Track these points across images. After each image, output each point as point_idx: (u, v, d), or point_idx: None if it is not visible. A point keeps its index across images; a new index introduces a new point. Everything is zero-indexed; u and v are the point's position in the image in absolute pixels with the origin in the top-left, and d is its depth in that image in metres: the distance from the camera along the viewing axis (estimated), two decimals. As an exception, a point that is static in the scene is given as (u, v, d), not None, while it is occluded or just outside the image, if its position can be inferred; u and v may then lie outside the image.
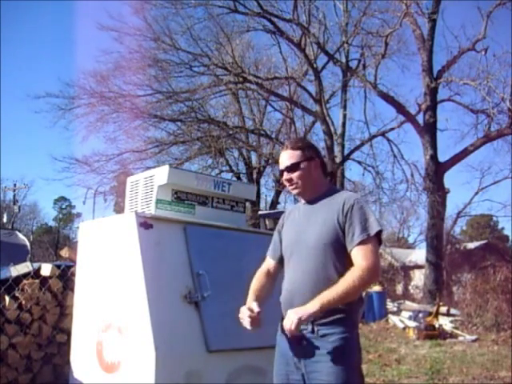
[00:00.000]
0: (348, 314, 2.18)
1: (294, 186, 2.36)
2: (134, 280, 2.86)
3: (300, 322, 2.08)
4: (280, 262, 2.47)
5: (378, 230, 2.19)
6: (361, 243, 2.16)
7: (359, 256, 2.16)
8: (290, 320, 2.09)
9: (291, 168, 2.34)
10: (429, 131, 16.30)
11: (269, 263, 2.52)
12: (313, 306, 2.09)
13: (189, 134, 17.89)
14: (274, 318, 2.40)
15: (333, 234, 2.21)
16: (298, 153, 2.36)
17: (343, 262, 2.21)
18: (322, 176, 2.42)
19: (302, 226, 2.33)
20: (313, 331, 2.18)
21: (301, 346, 2.21)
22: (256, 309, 2.26)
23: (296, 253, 2.31)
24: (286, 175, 2.36)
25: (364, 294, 2.18)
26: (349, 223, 2.20)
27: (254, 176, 20.33)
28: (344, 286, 2.10)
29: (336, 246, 2.21)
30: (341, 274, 2.17)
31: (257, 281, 2.47)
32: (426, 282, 15.97)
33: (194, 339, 2.85)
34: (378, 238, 2.22)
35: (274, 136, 19.20)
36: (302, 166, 2.34)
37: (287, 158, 2.37)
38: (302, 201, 2.43)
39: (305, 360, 2.20)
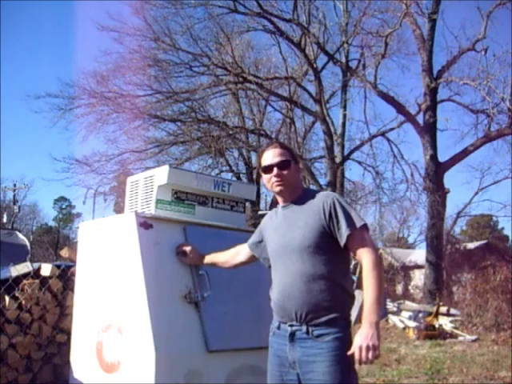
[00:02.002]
0: (341, 314, 2.21)
1: (280, 183, 2.35)
2: (133, 280, 2.86)
3: (375, 350, 2.05)
4: (251, 253, 2.65)
5: (362, 224, 2.24)
6: (353, 236, 2.21)
7: (360, 250, 2.21)
8: (365, 351, 2.04)
9: (283, 164, 2.35)
10: (429, 131, 16.31)
11: (242, 246, 2.70)
12: (368, 326, 2.07)
13: (189, 134, 17.89)
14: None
15: (316, 234, 2.24)
16: (287, 152, 2.40)
17: (330, 259, 2.24)
18: (300, 180, 2.49)
19: (283, 231, 2.35)
20: (307, 332, 2.20)
21: (296, 346, 2.22)
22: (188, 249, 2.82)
23: (281, 257, 2.32)
24: (276, 171, 2.34)
25: (363, 294, 2.21)
26: (335, 221, 2.23)
27: (254, 176, 20.32)
28: (371, 284, 2.13)
29: (321, 246, 2.23)
30: (329, 272, 2.21)
31: (222, 252, 2.80)
32: (426, 281, 15.98)
33: (194, 339, 2.84)
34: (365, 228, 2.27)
35: (274, 136, 19.21)
36: (291, 165, 2.37)
37: (277, 154, 2.37)
38: (280, 204, 2.45)
39: (300, 360, 2.20)
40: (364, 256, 2.19)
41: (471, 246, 25.61)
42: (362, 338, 2.06)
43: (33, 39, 72.23)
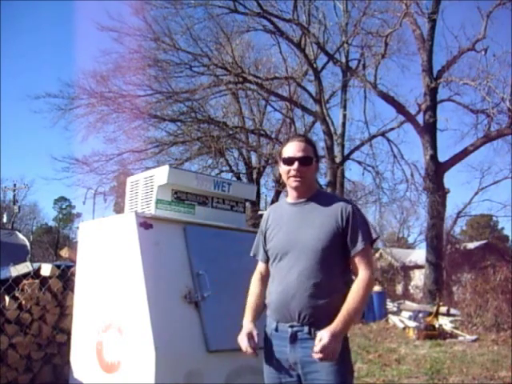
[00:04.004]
0: None
1: (298, 179, 2.30)
2: (133, 280, 2.87)
3: (336, 348, 2.07)
4: (268, 262, 2.47)
5: (376, 237, 2.31)
6: (363, 251, 2.23)
7: (362, 265, 2.23)
8: (329, 348, 2.05)
9: (305, 160, 2.30)
10: (429, 131, 16.30)
11: (260, 267, 2.51)
12: (338, 325, 2.10)
13: (189, 134, 17.89)
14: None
15: (331, 237, 2.22)
16: (311, 148, 2.35)
17: (340, 265, 2.24)
18: (316, 178, 2.48)
19: (293, 227, 2.30)
20: (309, 332, 2.19)
21: (297, 346, 2.21)
22: (255, 335, 2.28)
23: (289, 254, 2.27)
24: (297, 165, 2.28)
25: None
26: (351, 230, 2.23)
27: (254, 176, 20.33)
28: (357, 298, 2.16)
29: (333, 250, 2.22)
30: (336, 274, 2.22)
31: (255, 290, 2.46)
32: (426, 281, 15.98)
33: (194, 339, 2.85)
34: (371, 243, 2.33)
35: (273, 136, 19.20)
36: (313, 162, 2.34)
37: (302, 149, 2.31)
38: (288, 200, 2.40)
39: (302, 361, 2.19)
40: (361, 272, 2.22)
41: (471, 246, 25.60)
42: (326, 337, 2.06)
43: (33, 39, 72.24)
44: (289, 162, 2.31)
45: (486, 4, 17.28)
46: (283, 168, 2.34)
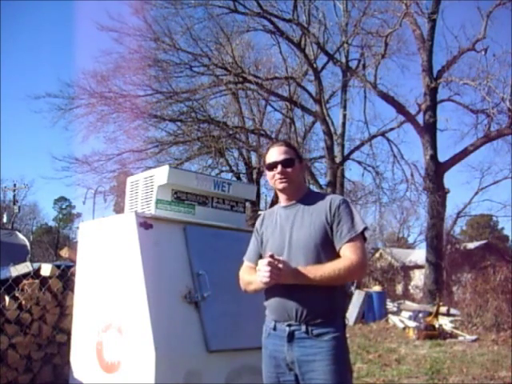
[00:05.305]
0: (339, 314, 2.24)
1: (283, 181, 2.35)
2: (133, 280, 2.87)
3: (282, 273, 2.12)
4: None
5: (363, 228, 2.26)
6: (349, 241, 2.22)
7: (348, 251, 2.21)
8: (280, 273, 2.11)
9: (287, 162, 2.36)
10: (429, 131, 16.30)
11: (248, 265, 2.48)
12: (299, 271, 2.14)
13: (189, 134, 17.90)
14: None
15: (322, 233, 2.25)
16: (292, 151, 2.42)
17: (333, 259, 2.23)
18: (304, 179, 2.48)
19: (286, 229, 2.33)
20: (307, 331, 2.19)
21: (294, 346, 2.21)
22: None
23: (284, 255, 2.28)
24: (280, 168, 2.35)
25: (363, 294, 2.21)
26: (337, 222, 2.25)
27: (254, 176, 20.32)
28: (330, 268, 2.15)
29: (326, 245, 2.24)
30: None
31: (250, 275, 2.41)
32: (426, 281, 15.98)
33: (193, 339, 2.85)
34: (363, 236, 2.29)
35: (273, 136, 19.19)
36: (296, 163, 2.39)
37: (283, 152, 2.38)
38: (281, 204, 2.44)
39: (299, 360, 2.20)
40: (348, 254, 2.19)
41: (471, 246, 25.60)
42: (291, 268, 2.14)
43: (33, 39, 72.28)
44: (272, 166, 2.38)
45: (486, 4, 17.33)
46: (269, 174, 2.41)
